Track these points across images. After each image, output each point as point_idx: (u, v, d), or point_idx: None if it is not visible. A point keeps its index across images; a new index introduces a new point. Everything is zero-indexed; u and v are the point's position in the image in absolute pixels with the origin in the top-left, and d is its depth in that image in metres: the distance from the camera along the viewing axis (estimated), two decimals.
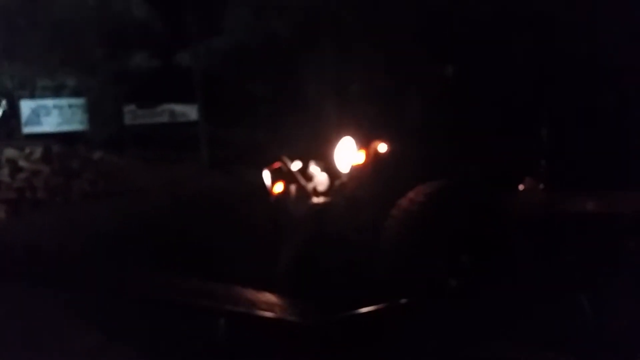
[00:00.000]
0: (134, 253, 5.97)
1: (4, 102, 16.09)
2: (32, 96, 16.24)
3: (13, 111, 16.11)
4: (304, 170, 5.39)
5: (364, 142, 5.16)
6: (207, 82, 16.27)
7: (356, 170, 5.10)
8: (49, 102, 16.27)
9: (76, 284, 4.55)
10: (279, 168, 5.43)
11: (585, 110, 5.63)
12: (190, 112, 16.69)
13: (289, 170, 5.34)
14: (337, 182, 5.22)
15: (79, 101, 16.48)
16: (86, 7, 16.30)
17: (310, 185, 5.31)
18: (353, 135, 5.26)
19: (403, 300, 4.29)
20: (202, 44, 16.66)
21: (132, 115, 16.67)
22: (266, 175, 5.51)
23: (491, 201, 4.71)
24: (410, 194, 4.55)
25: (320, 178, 5.33)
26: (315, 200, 5.23)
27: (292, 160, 5.45)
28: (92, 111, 16.43)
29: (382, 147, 5.05)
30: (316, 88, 12.01)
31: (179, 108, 16.83)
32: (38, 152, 15.07)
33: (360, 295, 4.31)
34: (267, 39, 15.90)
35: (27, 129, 16.03)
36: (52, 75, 16.21)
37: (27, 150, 15.06)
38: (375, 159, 5.01)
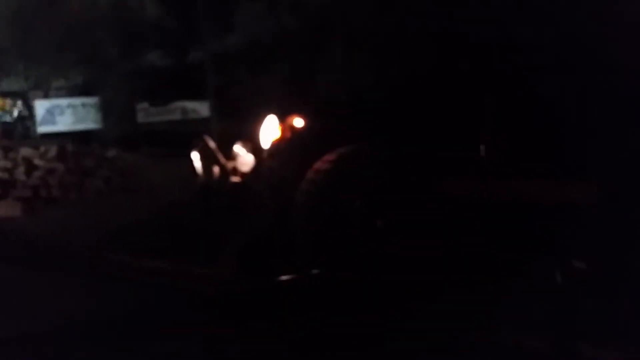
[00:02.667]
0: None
1: (19, 103, 16.46)
2: (46, 96, 16.56)
3: (28, 111, 16.47)
4: (228, 150, 5.34)
5: (284, 118, 5.05)
6: (218, 78, 16.32)
7: (274, 146, 4.99)
8: (63, 101, 16.57)
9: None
10: (203, 148, 5.35)
11: (527, 99, 5.40)
12: (201, 108, 16.75)
13: (211, 150, 5.25)
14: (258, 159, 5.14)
15: (92, 100, 16.73)
16: (99, 6, 16.55)
17: (231, 165, 5.22)
18: (277, 113, 5.16)
19: (315, 271, 4.24)
20: (214, 41, 16.71)
21: (145, 113, 16.83)
22: (195, 156, 5.46)
23: (408, 170, 4.53)
24: (319, 161, 4.46)
25: (245, 158, 5.26)
26: (234, 179, 5.14)
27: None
28: (106, 110, 16.66)
29: (298, 122, 4.92)
30: None
31: (190, 105, 16.92)
32: (53, 150, 15.38)
33: (278, 266, 4.33)
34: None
35: (42, 129, 16.36)
36: (66, 75, 16.50)
37: (42, 149, 15.38)
38: (291, 133, 4.89)
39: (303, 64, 12.23)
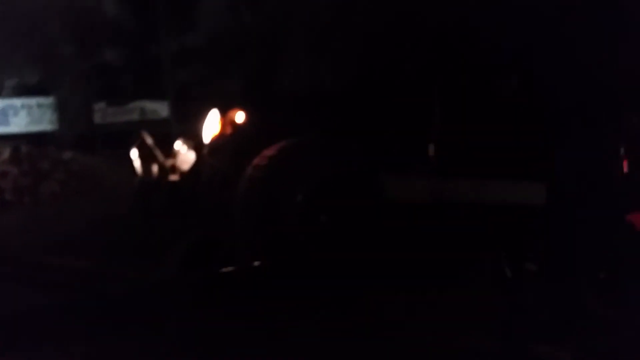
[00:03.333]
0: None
1: None
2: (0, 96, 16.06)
3: None
4: (169, 148, 5.10)
5: (226, 113, 4.83)
6: (178, 78, 15.98)
7: (214, 141, 4.78)
8: (17, 101, 16.06)
9: None
10: (141, 145, 5.09)
11: (480, 97, 5.25)
12: (161, 109, 16.38)
13: (148, 147, 5.00)
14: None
15: (47, 100, 16.24)
16: (54, 3, 16.09)
17: (170, 163, 4.98)
18: (220, 108, 4.94)
19: (256, 263, 4.09)
20: (173, 39, 16.36)
21: (102, 113, 16.41)
22: (133, 154, 5.21)
23: (351, 165, 4.36)
24: (257, 157, 4.26)
25: (186, 156, 5.02)
26: (172, 177, 4.90)
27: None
28: (61, 110, 16.19)
29: (239, 116, 4.70)
30: None
31: (150, 105, 16.54)
32: (6, 153, 14.91)
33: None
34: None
35: None
36: (20, 74, 15.99)
37: None
38: (232, 128, 4.67)
39: (262, 62, 12.02)
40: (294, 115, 4.67)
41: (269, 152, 4.26)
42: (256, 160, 4.29)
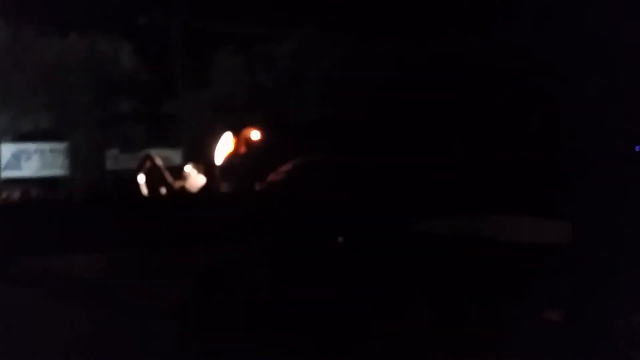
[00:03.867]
0: None
1: None
2: (13, 140, 16.10)
3: None
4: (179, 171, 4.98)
5: (240, 132, 4.72)
6: (192, 128, 16.06)
7: (227, 160, 4.64)
8: (31, 146, 16.10)
9: None
10: (151, 167, 4.96)
11: (504, 135, 5.13)
12: (173, 156, 16.35)
13: (158, 168, 4.86)
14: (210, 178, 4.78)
15: (60, 145, 16.27)
16: (72, 53, 16.34)
17: (179, 184, 4.84)
18: (233, 130, 4.83)
19: None
20: (188, 93, 16.55)
21: (114, 160, 16.38)
22: (140, 179, 5.08)
23: (369, 185, 4.21)
24: (273, 173, 4.11)
25: (196, 179, 4.89)
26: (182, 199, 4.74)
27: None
28: (74, 155, 16.20)
29: (255, 135, 4.58)
30: None
31: (162, 153, 16.52)
32: (16, 196, 14.83)
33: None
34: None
35: (5, 173, 15.82)
36: (35, 120, 16.10)
37: (4, 194, 14.83)
38: (247, 146, 4.54)
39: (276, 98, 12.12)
40: (309, 136, 4.55)
41: (286, 167, 4.11)
42: (271, 177, 4.13)
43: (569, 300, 5.02)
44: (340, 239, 4.15)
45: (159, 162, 4.88)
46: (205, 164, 4.93)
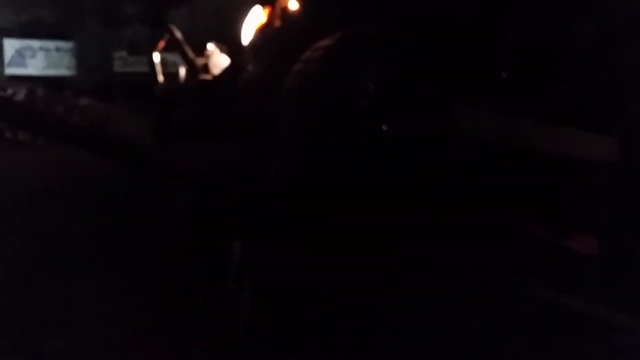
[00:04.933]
0: None
1: None
2: (17, 36, 15.41)
3: None
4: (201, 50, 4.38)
5: (274, 2, 4.06)
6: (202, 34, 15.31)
7: (259, 34, 4.01)
8: (35, 43, 15.43)
9: None
10: (169, 42, 4.36)
11: (557, 37, 4.57)
12: (181, 61, 15.66)
13: (177, 42, 4.26)
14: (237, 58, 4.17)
15: (67, 45, 15.60)
16: None
17: (201, 62, 4.25)
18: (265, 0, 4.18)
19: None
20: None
21: (122, 62, 15.74)
22: (156, 58, 4.49)
23: (422, 68, 3.62)
24: (310, 50, 3.49)
25: (219, 58, 4.29)
26: (205, 77, 4.16)
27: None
28: (81, 56, 15.55)
29: (293, 4, 3.93)
30: None
31: (170, 57, 15.80)
32: (21, 94, 14.40)
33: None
34: None
35: (10, 70, 15.22)
36: (39, 16, 15.35)
37: (10, 91, 14.38)
38: (282, 17, 3.90)
39: None
40: (356, 6, 3.89)
41: (326, 42, 3.48)
42: (308, 54, 3.51)
43: (605, 229, 4.57)
44: (384, 127, 3.58)
45: (179, 35, 4.28)
46: (229, 43, 4.32)
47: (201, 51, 4.37)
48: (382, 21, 3.64)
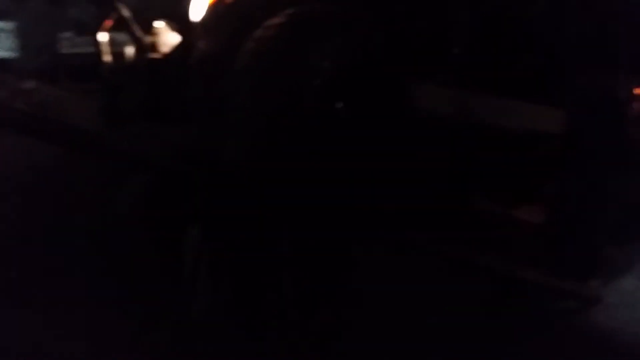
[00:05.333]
0: None
1: None
2: None
3: None
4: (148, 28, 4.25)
5: None
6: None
7: (210, 10, 3.92)
8: None
9: None
10: (116, 21, 4.23)
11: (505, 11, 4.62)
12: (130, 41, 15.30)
13: (125, 21, 4.13)
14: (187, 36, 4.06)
15: (8, 25, 15.02)
16: None
17: (149, 39, 4.13)
18: None
19: None
20: None
21: (68, 43, 15.27)
22: (103, 38, 4.36)
23: (376, 45, 3.60)
24: (261, 28, 3.45)
25: (167, 37, 4.17)
26: (154, 55, 4.05)
27: None
28: (24, 36, 15.01)
29: None
30: None
31: (120, 37, 15.42)
32: None
33: None
34: None
35: None
36: None
37: None
38: None
39: None
40: None
41: (278, 19, 3.43)
42: (259, 32, 3.46)
43: (552, 198, 4.67)
44: (339, 105, 3.56)
45: (126, 13, 4.15)
46: (179, 20, 4.21)
47: (149, 29, 4.24)
48: None
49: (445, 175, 4.60)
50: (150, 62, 4.01)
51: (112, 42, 4.59)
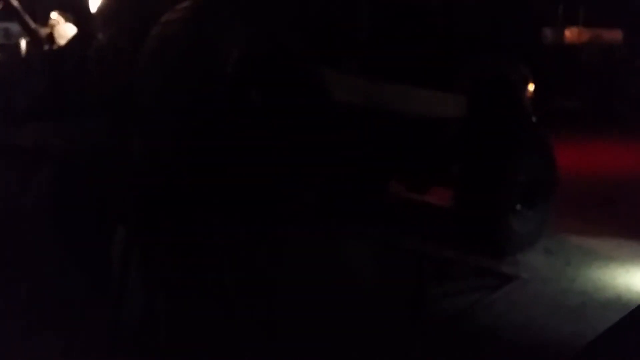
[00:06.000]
0: None
1: None
2: None
3: None
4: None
5: None
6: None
7: (106, 3, 3.71)
8: None
9: None
10: (4, 10, 3.94)
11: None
12: (20, 32, 14.49)
13: (15, 10, 3.85)
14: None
15: None
16: None
17: (44, 31, 3.88)
18: None
19: None
20: None
21: None
22: None
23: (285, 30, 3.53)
24: (167, 12, 3.29)
25: (64, 28, 3.93)
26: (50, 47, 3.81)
27: None
28: None
29: None
30: None
31: (16, 28, 14.59)
32: None
33: None
34: None
35: None
36: None
37: None
38: None
39: None
40: None
41: (183, 4, 3.28)
42: (166, 16, 3.29)
43: (458, 180, 4.88)
44: (251, 93, 3.47)
45: (15, 3, 3.87)
46: (76, 11, 3.97)
47: (43, 21, 3.99)
48: None
49: (357, 162, 4.63)
50: (47, 56, 3.75)
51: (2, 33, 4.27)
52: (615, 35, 13.95)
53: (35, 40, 3.82)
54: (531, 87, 5.58)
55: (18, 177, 4.23)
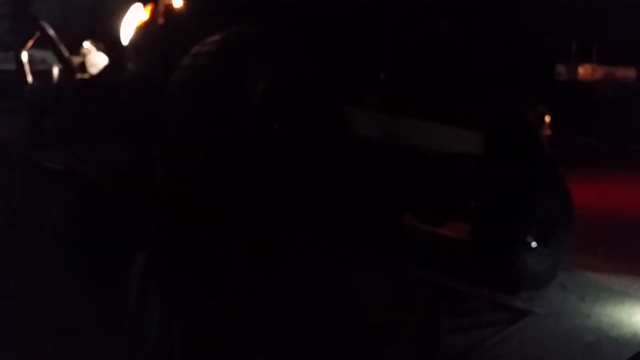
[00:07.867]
0: None
1: None
2: None
3: None
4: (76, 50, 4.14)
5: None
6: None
7: (140, 31, 3.85)
8: None
9: None
10: (41, 40, 4.09)
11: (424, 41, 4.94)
12: (51, 58, 14.79)
13: (50, 40, 4.00)
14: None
15: None
16: None
17: (77, 60, 4.02)
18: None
19: None
20: None
21: None
22: (24, 57, 4.20)
23: (310, 68, 3.64)
24: (198, 45, 3.41)
25: (95, 57, 4.07)
26: (81, 76, 3.94)
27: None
28: None
29: (177, 1, 3.81)
30: None
31: (39, 54, 14.91)
32: None
33: None
34: None
35: None
36: None
37: None
38: (166, 15, 3.77)
39: None
40: (240, 4, 3.83)
41: (215, 37, 3.41)
42: (196, 49, 3.42)
43: (474, 215, 4.95)
44: (275, 126, 3.58)
45: (51, 32, 4.02)
46: (107, 42, 4.10)
47: (75, 49, 4.12)
48: (268, 21, 3.61)
49: (375, 194, 4.71)
50: (78, 84, 3.88)
51: (32, 60, 4.43)
52: (629, 72, 14.07)
53: (67, 68, 3.95)
54: (547, 123, 5.67)
55: (43, 199, 4.36)
